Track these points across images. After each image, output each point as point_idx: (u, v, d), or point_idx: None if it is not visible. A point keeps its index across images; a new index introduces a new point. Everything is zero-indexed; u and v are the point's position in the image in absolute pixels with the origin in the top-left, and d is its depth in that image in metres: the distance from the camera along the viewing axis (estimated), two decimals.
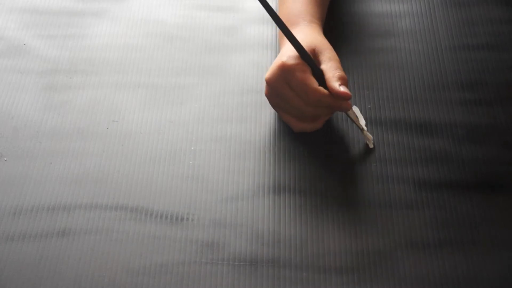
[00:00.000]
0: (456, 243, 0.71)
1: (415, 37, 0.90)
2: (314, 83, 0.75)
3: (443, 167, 0.77)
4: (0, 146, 0.79)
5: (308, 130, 0.79)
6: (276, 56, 0.86)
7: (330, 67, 0.76)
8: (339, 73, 0.75)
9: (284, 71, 0.75)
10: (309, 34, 0.80)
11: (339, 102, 0.75)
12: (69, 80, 0.86)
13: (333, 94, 0.75)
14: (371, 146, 0.79)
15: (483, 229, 0.72)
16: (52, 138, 0.80)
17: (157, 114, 0.83)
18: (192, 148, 0.79)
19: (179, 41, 0.91)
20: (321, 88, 0.75)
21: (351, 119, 0.79)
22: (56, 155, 0.79)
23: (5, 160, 0.78)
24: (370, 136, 0.79)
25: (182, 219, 0.73)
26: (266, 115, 0.82)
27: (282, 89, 0.76)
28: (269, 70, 0.77)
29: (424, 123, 0.81)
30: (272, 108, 0.81)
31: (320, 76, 0.76)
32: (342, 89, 0.74)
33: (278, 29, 0.84)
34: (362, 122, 0.80)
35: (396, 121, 0.81)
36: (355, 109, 0.81)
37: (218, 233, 0.72)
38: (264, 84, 0.81)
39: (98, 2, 0.95)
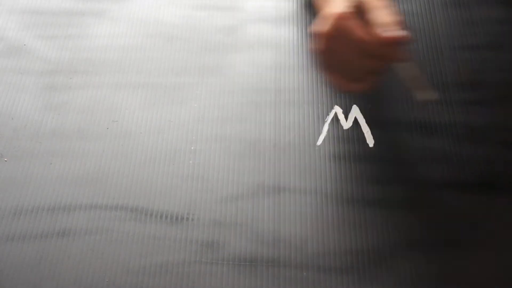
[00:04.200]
0: (456, 242, 0.71)
1: (415, 37, 0.90)
2: (366, 32, 0.69)
3: (443, 167, 0.77)
4: (0, 147, 0.79)
5: (355, 91, 0.75)
6: (275, 56, 0.86)
7: (378, 14, 0.70)
8: (388, 18, 0.69)
9: (335, 20, 0.70)
10: None
11: (391, 49, 0.70)
12: (69, 80, 0.86)
13: (384, 40, 0.69)
14: (434, 97, 0.77)
15: (483, 229, 0.72)
16: (52, 138, 0.80)
17: (157, 114, 0.83)
18: (192, 147, 0.79)
19: (179, 41, 0.91)
20: (374, 35, 0.69)
21: (404, 76, 0.74)
22: (56, 155, 0.79)
23: (5, 161, 0.78)
24: (432, 93, 0.76)
25: (182, 219, 0.73)
26: (266, 114, 0.82)
27: (333, 39, 0.71)
28: (320, 22, 0.72)
29: (424, 123, 0.81)
30: (272, 107, 0.81)
31: (371, 24, 0.71)
32: (389, 33, 0.68)
33: None
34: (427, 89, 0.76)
35: (396, 121, 0.81)
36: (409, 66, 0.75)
37: (218, 233, 0.72)
38: (263, 83, 0.81)
39: (98, 2, 0.95)
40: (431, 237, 0.71)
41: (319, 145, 0.79)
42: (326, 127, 0.81)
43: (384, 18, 0.69)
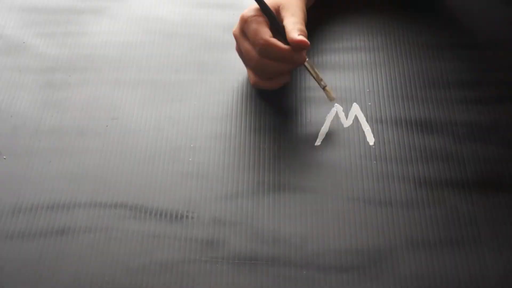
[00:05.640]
0: (456, 242, 0.71)
1: (416, 35, 0.90)
2: (266, 33, 0.78)
3: (443, 166, 0.77)
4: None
5: (263, 87, 0.82)
6: None
7: (291, 22, 0.78)
8: (299, 26, 0.78)
9: (242, 22, 0.79)
10: None
11: (291, 53, 0.77)
12: (68, 77, 0.86)
13: (292, 44, 0.77)
14: (332, 99, 0.81)
15: (483, 228, 0.72)
16: (52, 136, 0.80)
17: (157, 111, 0.83)
18: (192, 145, 0.79)
19: (179, 38, 0.90)
20: (273, 39, 0.77)
21: (309, 72, 0.81)
22: (56, 153, 0.79)
23: (4, 158, 0.78)
24: (332, 94, 0.81)
25: (181, 217, 0.73)
26: (266, 112, 0.82)
27: (240, 39, 0.80)
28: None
29: (424, 122, 0.81)
30: (272, 104, 0.81)
31: (280, 32, 0.79)
32: (300, 37, 0.76)
33: None
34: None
35: (397, 119, 0.81)
36: (308, 63, 0.82)
37: (218, 231, 0.72)
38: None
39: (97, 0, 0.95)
40: (431, 236, 0.71)
41: (319, 143, 0.79)
42: (326, 125, 0.81)
43: (293, 25, 0.78)
